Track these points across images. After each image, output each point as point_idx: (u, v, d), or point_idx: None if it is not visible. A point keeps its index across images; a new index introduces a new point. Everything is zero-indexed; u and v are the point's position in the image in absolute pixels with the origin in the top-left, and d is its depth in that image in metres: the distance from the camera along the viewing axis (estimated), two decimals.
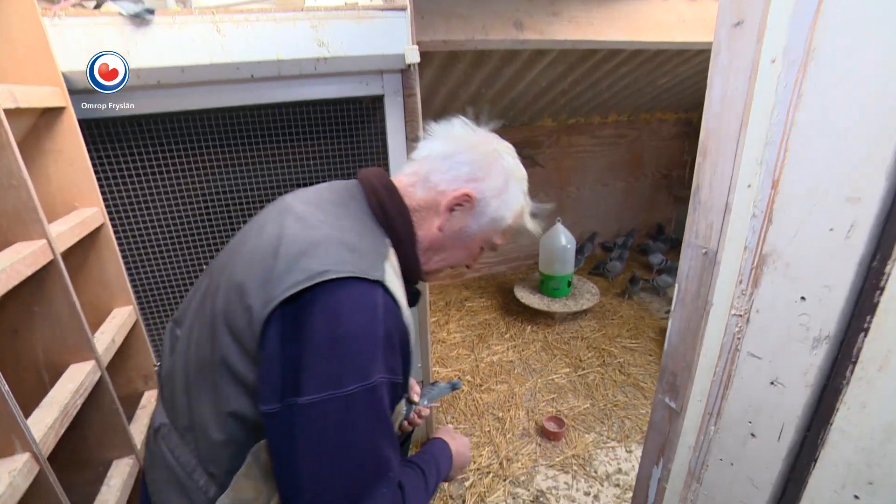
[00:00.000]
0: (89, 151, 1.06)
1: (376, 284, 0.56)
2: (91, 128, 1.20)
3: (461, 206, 0.69)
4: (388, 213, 0.67)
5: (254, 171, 1.48)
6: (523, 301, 2.86)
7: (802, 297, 0.51)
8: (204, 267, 1.48)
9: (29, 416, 0.74)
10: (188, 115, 1.31)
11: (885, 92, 0.41)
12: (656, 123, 3.74)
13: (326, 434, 0.53)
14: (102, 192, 1.12)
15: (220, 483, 0.61)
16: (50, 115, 0.99)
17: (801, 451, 0.55)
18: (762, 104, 0.51)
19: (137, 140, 1.31)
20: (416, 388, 0.92)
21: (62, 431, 0.77)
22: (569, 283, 2.89)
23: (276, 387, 0.53)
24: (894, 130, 0.41)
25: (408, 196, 0.70)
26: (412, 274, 0.70)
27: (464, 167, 0.68)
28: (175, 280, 1.49)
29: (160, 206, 1.41)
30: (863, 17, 0.42)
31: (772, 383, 0.57)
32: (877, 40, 0.41)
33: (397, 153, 1.45)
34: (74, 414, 0.82)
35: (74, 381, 0.85)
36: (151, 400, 1.24)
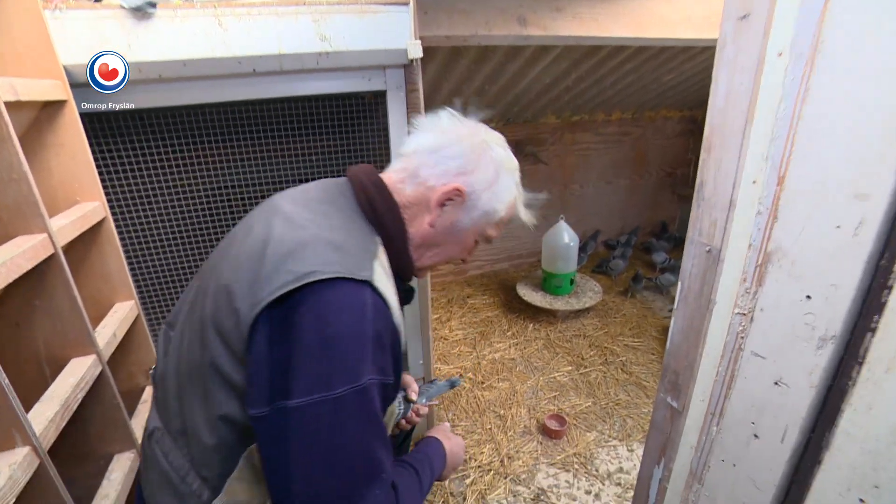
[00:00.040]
0: (91, 145, 1.06)
1: (364, 284, 0.55)
2: (93, 122, 1.20)
3: (452, 201, 0.68)
4: (377, 210, 0.66)
5: (255, 166, 1.48)
6: (526, 298, 2.86)
7: (808, 296, 0.50)
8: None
9: (30, 410, 0.75)
10: (190, 109, 1.30)
11: None
12: (661, 121, 3.71)
13: (317, 437, 0.52)
14: (104, 186, 1.12)
15: (213, 487, 0.60)
16: (51, 109, 0.99)
17: (805, 453, 0.54)
18: (768, 98, 0.49)
19: (139, 134, 1.31)
20: (415, 387, 0.92)
21: (63, 425, 0.78)
22: (571, 281, 2.88)
23: (265, 390, 0.53)
24: None
25: (397, 192, 0.69)
26: (404, 271, 0.69)
27: (452, 161, 0.67)
28: (177, 275, 1.49)
29: (162, 201, 1.41)
30: (873, 8, 0.41)
31: (776, 383, 0.56)
32: (887, 32, 0.40)
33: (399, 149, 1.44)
34: (75, 408, 0.82)
35: (75, 375, 0.86)
36: None
